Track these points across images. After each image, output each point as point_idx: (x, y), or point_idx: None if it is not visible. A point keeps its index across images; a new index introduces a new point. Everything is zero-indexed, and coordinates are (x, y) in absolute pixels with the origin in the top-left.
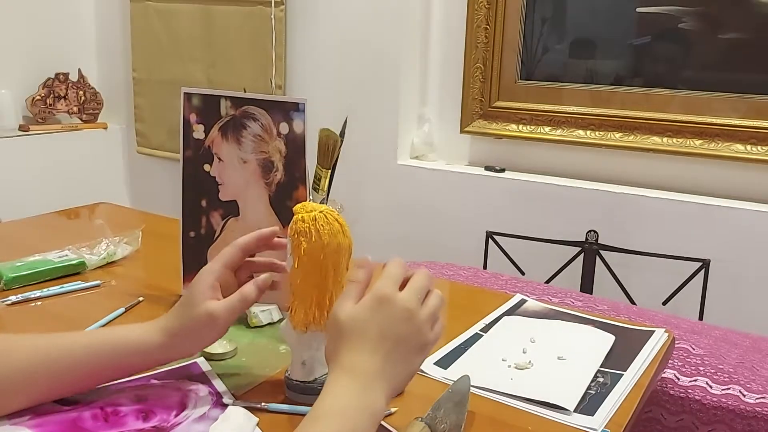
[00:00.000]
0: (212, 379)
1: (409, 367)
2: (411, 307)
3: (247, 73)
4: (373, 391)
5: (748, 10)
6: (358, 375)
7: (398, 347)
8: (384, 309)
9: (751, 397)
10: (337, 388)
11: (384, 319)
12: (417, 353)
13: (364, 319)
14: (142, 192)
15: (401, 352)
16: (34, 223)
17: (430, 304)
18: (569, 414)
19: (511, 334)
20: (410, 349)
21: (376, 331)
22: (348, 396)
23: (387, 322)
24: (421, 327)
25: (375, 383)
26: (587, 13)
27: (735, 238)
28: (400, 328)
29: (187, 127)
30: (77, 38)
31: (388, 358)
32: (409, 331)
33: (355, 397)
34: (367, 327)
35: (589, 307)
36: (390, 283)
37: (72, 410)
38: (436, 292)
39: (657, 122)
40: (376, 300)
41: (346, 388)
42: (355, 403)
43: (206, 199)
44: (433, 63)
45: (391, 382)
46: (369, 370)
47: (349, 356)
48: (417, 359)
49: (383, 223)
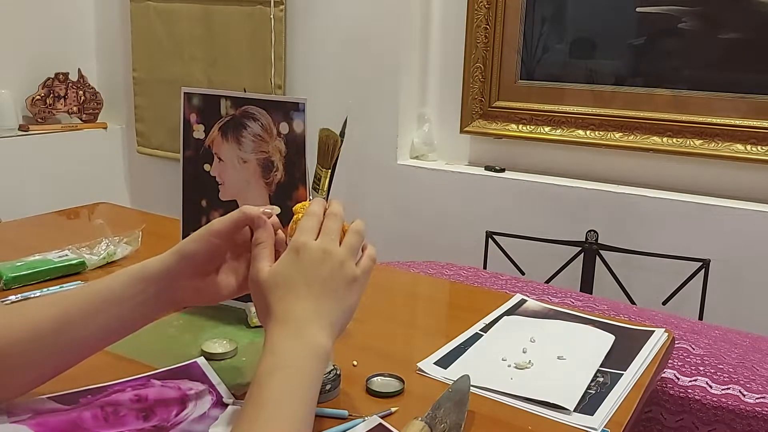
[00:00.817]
0: (212, 379)
1: (344, 302)
2: (328, 248)
3: (247, 73)
4: (311, 332)
5: (748, 10)
6: (293, 323)
7: (325, 287)
8: (302, 257)
9: (751, 397)
10: (275, 342)
11: (304, 267)
12: (347, 288)
13: (285, 272)
14: (142, 192)
15: (330, 291)
16: (34, 223)
17: (348, 240)
18: (569, 414)
19: (511, 334)
20: (338, 286)
21: (299, 279)
22: (288, 347)
23: (307, 268)
24: (343, 263)
25: (311, 325)
26: (587, 12)
27: (735, 238)
28: (323, 269)
29: (187, 127)
30: (77, 38)
31: (319, 300)
32: (332, 270)
33: (296, 345)
34: (290, 278)
35: (589, 307)
36: (304, 233)
37: (72, 410)
38: (353, 227)
39: (657, 122)
40: (293, 251)
41: (284, 340)
42: (297, 351)
43: (206, 199)
44: (433, 63)
45: (329, 321)
46: (303, 316)
47: (279, 309)
48: (351, 294)
49: (383, 223)
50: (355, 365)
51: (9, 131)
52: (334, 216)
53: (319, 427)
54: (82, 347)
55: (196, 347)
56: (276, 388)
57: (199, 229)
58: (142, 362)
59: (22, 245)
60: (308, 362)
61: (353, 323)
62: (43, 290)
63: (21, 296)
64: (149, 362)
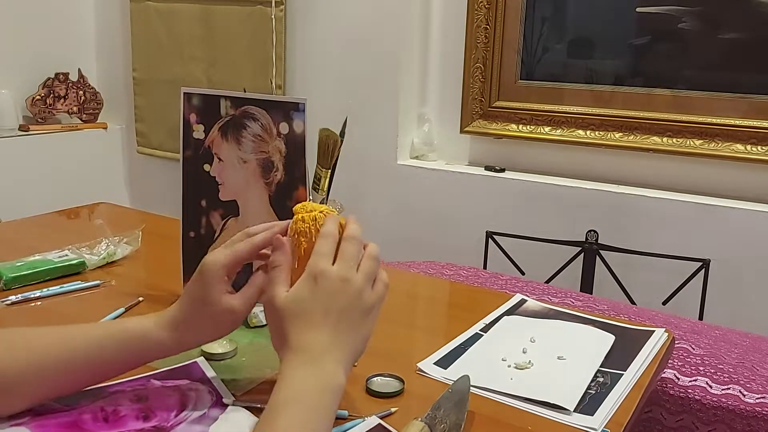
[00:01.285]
0: (212, 379)
1: (359, 333)
2: (346, 276)
3: (247, 73)
4: (328, 367)
5: (748, 10)
6: (309, 354)
7: (343, 318)
8: (320, 285)
9: (751, 397)
10: (290, 372)
11: (323, 295)
12: (363, 318)
13: (302, 299)
14: (142, 192)
15: (347, 321)
16: (34, 223)
17: (364, 267)
18: (569, 414)
19: (511, 334)
20: (356, 316)
21: (317, 308)
22: (303, 378)
23: (326, 296)
24: (361, 292)
25: (327, 358)
26: (587, 13)
27: (735, 238)
28: (341, 299)
29: (187, 127)
30: (77, 38)
31: (336, 330)
32: (350, 300)
33: (310, 377)
34: (308, 306)
35: (589, 307)
36: (321, 259)
37: (72, 410)
38: (368, 252)
39: (657, 122)
40: (311, 278)
41: (299, 370)
42: (311, 384)
43: (206, 199)
44: (433, 63)
45: (344, 353)
46: (319, 347)
47: (296, 338)
48: (365, 324)
49: (383, 223)
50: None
51: (9, 131)
52: (353, 240)
53: None
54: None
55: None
56: (289, 421)
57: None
58: None
59: (22, 245)
60: (323, 397)
61: None
62: (43, 290)
63: (21, 296)
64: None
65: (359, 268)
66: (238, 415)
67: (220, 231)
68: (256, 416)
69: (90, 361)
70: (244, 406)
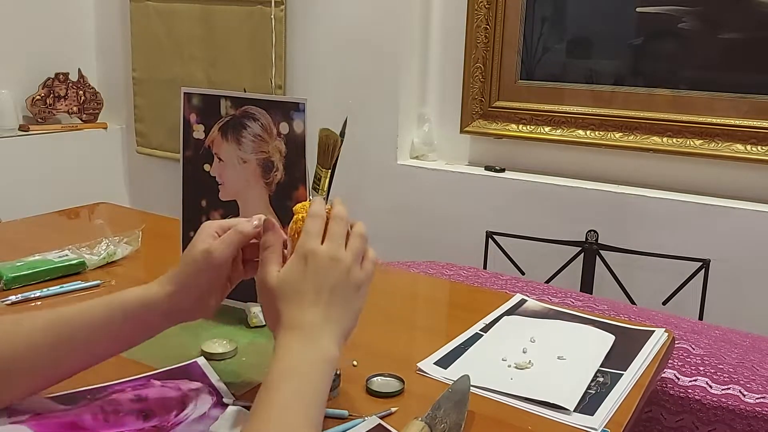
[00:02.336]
0: (212, 379)
1: (351, 308)
2: (335, 255)
3: (247, 73)
4: (321, 340)
5: (748, 10)
6: (303, 329)
7: (334, 295)
8: (310, 264)
9: (751, 397)
10: (285, 348)
11: (313, 274)
12: (354, 294)
13: (294, 278)
14: (142, 192)
15: (339, 297)
16: (34, 223)
17: (352, 245)
18: (569, 414)
19: (511, 334)
20: (346, 292)
21: (309, 286)
22: (297, 352)
23: (317, 275)
24: (350, 269)
25: (321, 332)
26: (587, 13)
27: (735, 238)
28: (331, 276)
29: (187, 127)
30: (77, 38)
31: (328, 307)
32: (340, 277)
33: (305, 351)
34: (300, 285)
35: (589, 307)
36: (311, 238)
37: (72, 410)
38: (355, 231)
39: (657, 122)
40: (302, 258)
41: (294, 345)
42: (306, 357)
43: (206, 199)
44: (433, 63)
45: (337, 327)
46: (313, 324)
47: (289, 316)
48: (356, 300)
49: (383, 223)
50: (355, 365)
51: (9, 131)
52: (340, 219)
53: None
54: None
55: (196, 347)
56: (286, 393)
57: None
58: (141, 362)
59: (22, 245)
60: (318, 368)
61: None
62: (43, 290)
63: (21, 296)
64: (149, 362)
65: (347, 247)
66: (238, 415)
67: None
68: None
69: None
70: (244, 406)
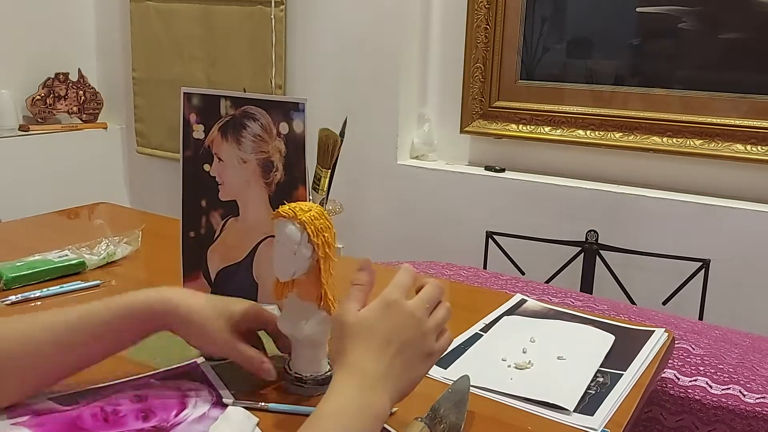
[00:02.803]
0: (212, 379)
1: (414, 373)
2: (418, 315)
3: (247, 73)
4: (377, 392)
5: (748, 10)
6: (362, 375)
7: (403, 353)
8: (391, 314)
9: (751, 397)
10: (341, 387)
11: (390, 324)
12: (422, 360)
13: (370, 323)
14: (142, 192)
15: (406, 357)
16: (34, 223)
17: (438, 315)
18: (569, 414)
19: (511, 334)
20: (415, 355)
21: (382, 335)
22: (351, 395)
23: (393, 327)
24: (426, 335)
25: (379, 384)
26: (587, 12)
27: (735, 238)
28: (406, 334)
29: (187, 127)
30: (77, 38)
31: (393, 362)
32: (415, 338)
33: (359, 396)
34: (374, 330)
35: (589, 307)
36: (398, 290)
37: (72, 410)
38: (445, 304)
39: (657, 122)
40: (384, 305)
41: (349, 387)
42: (358, 403)
43: (206, 199)
44: (433, 63)
45: (395, 385)
46: (373, 372)
47: (354, 357)
48: (422, 366)
49: (383, 223)
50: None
51: (9, 131)
52: (436, 287)
53: None
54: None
55: None
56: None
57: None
58: (141, 362)
59: (22, 245)
60: (367, 420)
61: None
62: (43, 290)
63: (21, 296)
64: (149, 362)
65: (433, 313)
66: (238, 415)
67: (220, 231)
68: (256, 416)
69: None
70: (244, 406)
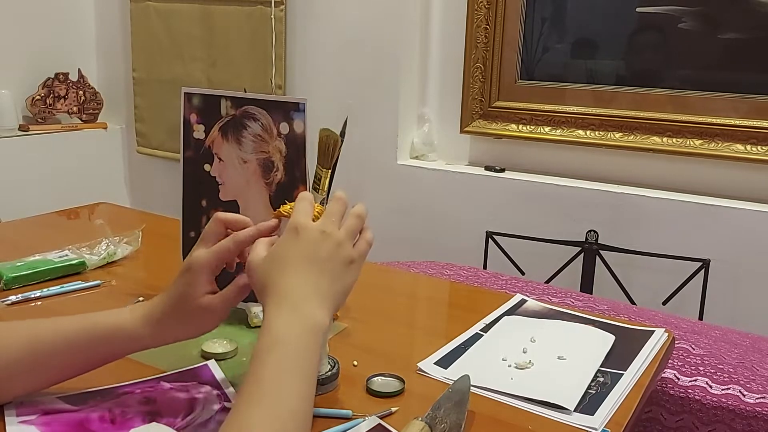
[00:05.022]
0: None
1: (341, 283)
2: (328, 230)
3: (247, 73)
4: (308, 307)
5: (748, 10)
6: (291, 300)
7: (324, 266)
8: (300, 237)
9: (751, 397)
10: (273, 319)
11: (303, 245)
12: (345, 270)
13: (282, 251)
14: (142, 192)
15: (328, 270)
16: (34, 223)
17: (347, 223)
18: (569, 413)
19: (512, 334)
20: (336, 266)
21: (297, 257)
22: (285, 323)
23: (306, 247)
24: (341, 244)
25: (308, 300)
26: (587, 12)
27: (735, 238)
28: (320, 249)
29: (187, 127)
30: (77, 38)
31: (319, 278)
32: (330, 250)
33: (293, 321)
34: (288, 256)
35: (589, 307)
36: (301, 215)
37: (79, 411)
38: (353, 211)
39: (657, 122)
40: (291, 231)
41: (282, 316)
42: (294, 327)
43: (206, 199)
44: (433, 63)
45: (326, 297)
46: (300, 292)
47: (277, 284)
48: (348, 275)
49: (383, 223)
50: (355, 365)
51: (9, 131)
52: (338, 200)
53: (319, 426)
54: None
55: (196, 347)
56: (275, 365)
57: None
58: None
59: (22, 245)
60: (306, 338)
61: (353, 323)
62: (43, 290)
63: (21, 296)
64: (150, 363)
65: (342, 225)
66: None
67: None
68: None
69: (58, 356)
70: None
